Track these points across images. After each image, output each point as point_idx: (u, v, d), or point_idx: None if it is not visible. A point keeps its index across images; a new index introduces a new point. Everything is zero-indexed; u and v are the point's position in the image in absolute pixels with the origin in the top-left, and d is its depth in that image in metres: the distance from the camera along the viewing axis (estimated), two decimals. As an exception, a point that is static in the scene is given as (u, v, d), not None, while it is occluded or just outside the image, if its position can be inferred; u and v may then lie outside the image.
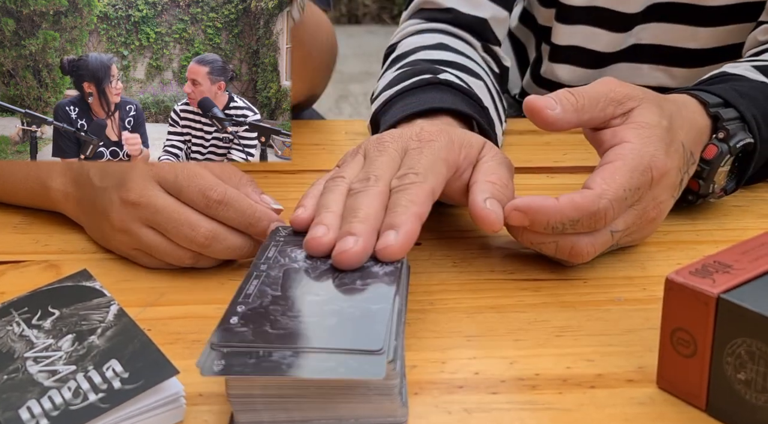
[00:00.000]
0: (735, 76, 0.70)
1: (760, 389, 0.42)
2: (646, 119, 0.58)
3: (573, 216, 0.54)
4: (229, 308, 0.47)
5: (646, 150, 0.56)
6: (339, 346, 0.43)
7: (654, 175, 0.56)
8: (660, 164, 0.56)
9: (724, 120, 0.64)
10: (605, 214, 0.54)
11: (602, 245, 0.57)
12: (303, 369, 0.42)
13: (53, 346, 0.47)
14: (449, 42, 0.84)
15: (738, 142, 0.63)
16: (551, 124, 0.57)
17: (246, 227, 0.59)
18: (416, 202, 0.53)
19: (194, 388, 0.47)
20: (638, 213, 0.57)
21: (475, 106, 0.71)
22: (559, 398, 0.47)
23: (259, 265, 0.52)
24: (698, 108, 0.64)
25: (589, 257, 0.57)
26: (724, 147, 0.63)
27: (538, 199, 0.55)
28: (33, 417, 0.42)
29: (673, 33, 0.92)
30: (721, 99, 0.65)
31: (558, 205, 0.54)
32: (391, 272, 0.51)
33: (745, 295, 0.43)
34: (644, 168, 0.56)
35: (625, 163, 0.55)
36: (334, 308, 0.47)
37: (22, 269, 0.62)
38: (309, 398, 0.43)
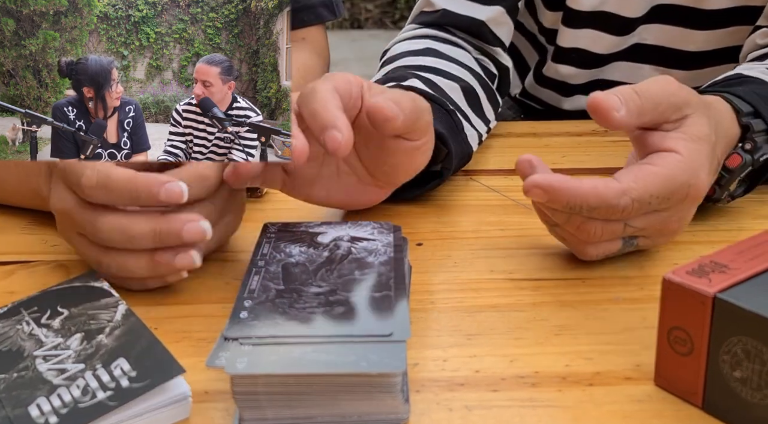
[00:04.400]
0: (752, 79, 0.70)
1: (755, 386, 0.43)
2: (699, 133, 0.57)
3: (592, 203, 0.54)
4: (236, 304, 0.48)
5: (690, 166, 0.56)
6: (352, 333, 0.45)
7: (691, 193, 0.56)
8: (701, 184, 0.56)
9: (754, 132, 0.64)
10: (623, 210, 0.54)
11: (612, 233, 0.57)
12: (324, 365, 0.43)
13: (62, 345, 0.48)
14: (438, 47, 0.85)
15: (762, 155, 0.64)
16: (615, 126, 0.56)
17: (135, 201, 0.54)
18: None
19: (200, 385, 0.48)
20: (661, 220, 0.57)
21: (432, 109, 0.72)
22: (559, 395, 0.48)
23: (256, 261, 0.54)
24: (731, 116, 0.64)
25: (596, 238, 0.57)
26: (748, 158, 0.63)
27: (560, 177, 0.55)
28: (42, 414, 0.42)
29: (672, 35, 0.93)
30: (752, 107, 0.65)
31: (581, 188, 0.54)
32: (385, 261, 0.53)
33: (741, 294, 0.43)
34: (683, 182, 0.55)
35: (664, 171, 0.55)
36: (339, 298, 0.49)
37: (31, 269, 0.63)
38: (313, 395, 0.44)
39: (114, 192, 0.54)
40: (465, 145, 0.75)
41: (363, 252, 0.54)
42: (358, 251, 0.55)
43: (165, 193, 0.53)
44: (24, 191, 0.68)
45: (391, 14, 4.87)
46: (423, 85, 0.75)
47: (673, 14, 0.92)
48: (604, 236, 0.58)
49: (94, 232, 0.55)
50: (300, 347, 0.44)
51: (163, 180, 0.54)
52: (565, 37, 0.97)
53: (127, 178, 0.54)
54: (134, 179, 0.53)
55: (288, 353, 0.44)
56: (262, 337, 0.45)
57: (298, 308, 0.48)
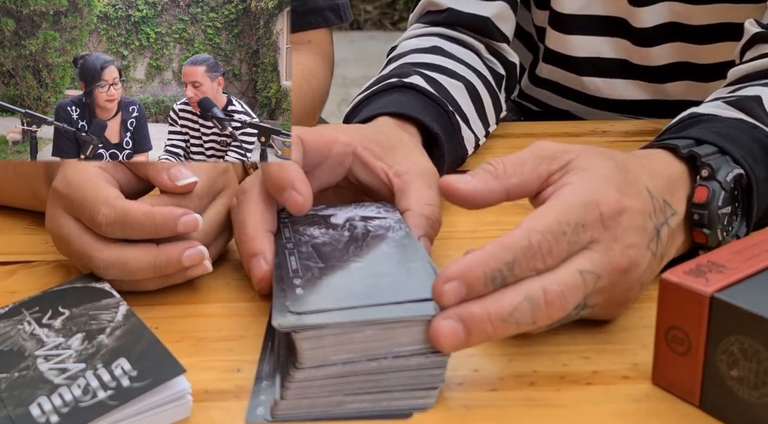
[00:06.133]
0: (706, 117, 0.64)
1: (752, 385, 0.43)
2: (588, 164, 0.51)
3: (505, 257, 0.46)
4: (286, 283, 0.49)
5: (586, 188, 0.49)
6: (407, 298, 0.46)
7: (603, 211, 0.48)
8: (609, 200, 0.49)
9: (702, 156, 0.57)
10: (540, 248, 0.46)
11: (573, 287, 0.47)
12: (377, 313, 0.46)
13: (63, 344, 0.48)
14: (445, 46, 0.86)
15: (727, 175, 0.56)
16: (468, 199, 0.50)
17: (153, 235, 0.56)
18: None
19: (200, 385, 0.48)
20: (600, 255, 0.48)
21: (430, 108, 0.73)
22: (557, 394, 0.48)
23: (284, 244, 0.55)
24: (665, 156, 0.58)
25: (566, 301, 0.47)
26: (715, 185, 0.56)
27: (462, 259, 0.46)
28: (43, 413, 0.43)
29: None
30: (692, 139, 0.59)
31: (486, 250, 0.46)
32: (405, 235, 0.55)
33: (738, 294, 0.44)
34: (586, 203, 0.48)
35: (560, 201, 0.49)
36: (381, 270, 0.50)
37: (32, 269, 0.63)
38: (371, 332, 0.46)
39: (132, 227, 0.55)
40: (460, 147, 0.75)
41: (380, 229, 0.56)
42: (375, 228, 0.56)
43: (182, 226, 0.55)
44: (23, 192, 0.69)
45: (390, 15, 4.87)
46: (425, 84, 0.75)
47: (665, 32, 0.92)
48: (572, 295, 0.48)
49: (91, 265, 0.56)
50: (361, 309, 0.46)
51: (179, 213, 0.55)
52: (550, 39, 0.97)
53: (145, 213, 0.55)
54: (152, 214, 0.55)
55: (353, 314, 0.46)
56: (330, 309, 0.46)
57: (348, 281, 0.49)
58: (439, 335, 0.45)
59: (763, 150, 0.61)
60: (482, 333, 0.45)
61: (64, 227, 0.56)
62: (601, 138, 0.89)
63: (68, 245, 0.57)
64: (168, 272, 0.56)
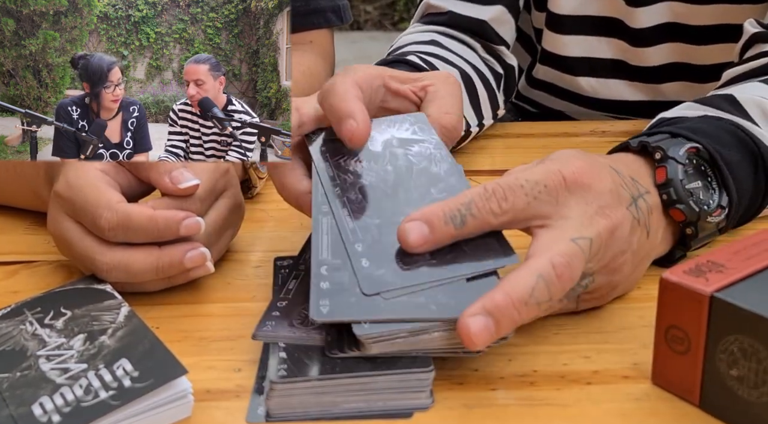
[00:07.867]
0: (673, 120, 0.65)
1: (752, 385, 0.43)
2: (553, 157, 0.53)
3: (462, 199, 0.49)
4: (351, 254, 0.49)
5: (545, 159, 0.52)
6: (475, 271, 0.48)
7: (566, 175, 0.50)
8: (572, 167, 0.51)
9: (652, 143, 0.58)
10: (495, 192, 0.49)
11: (574, 254, 0.48)
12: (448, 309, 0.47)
13: (65, 345, 0.49)
14: (443, 41, 0.88)
15: (679, 150, 0.57)
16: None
17: (155, 238, 0.56)
18: None
19: (202, 385, 0.48)
20: (579, 221, 0.50)
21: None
22: (557, 394, 0.48)
23: (333, 190, 0.54)
24: (622, 154, 0.60)
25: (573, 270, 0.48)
26: (670, 162, 0.57)
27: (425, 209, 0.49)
28: (45, 413, 0.43)
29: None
30: (645, 135, 0.61)
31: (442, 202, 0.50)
32: (449, 170, 0.55)
33: (738, 293, 0.44)
34: (547, 168, 0.50)
35: (522, 168, 0.52)
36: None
37: (34, 269, 0.63)
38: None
39: (135, 231, 0.55)
40: None
41: (422, 161, 0.56)
42: (417, 160, 0.56)
43: (185, 229, 0.55)
44: (25, 192, 0.69)
45: (390, 16, 4.88)
46: (419, 61, 0.77)
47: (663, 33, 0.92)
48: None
49: (94, 268, 0.56)
50: (426, 292, 0.47)
51: (181, 217, 0.56)
52: (546, 40, 0.98)
53: (148, 217, 0.55)
54: (154, 218, 0.55)
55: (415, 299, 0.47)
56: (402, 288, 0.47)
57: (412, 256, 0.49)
58: (471, 334, 0.45)
59: (730, 135, 0.62)
60: (509, 320, 0.46)
61: (67, 230, 0.57)
62: (600, 138, 0.90)
63: (70, 248, 0.57)
64: (170, 274, 0.56)
